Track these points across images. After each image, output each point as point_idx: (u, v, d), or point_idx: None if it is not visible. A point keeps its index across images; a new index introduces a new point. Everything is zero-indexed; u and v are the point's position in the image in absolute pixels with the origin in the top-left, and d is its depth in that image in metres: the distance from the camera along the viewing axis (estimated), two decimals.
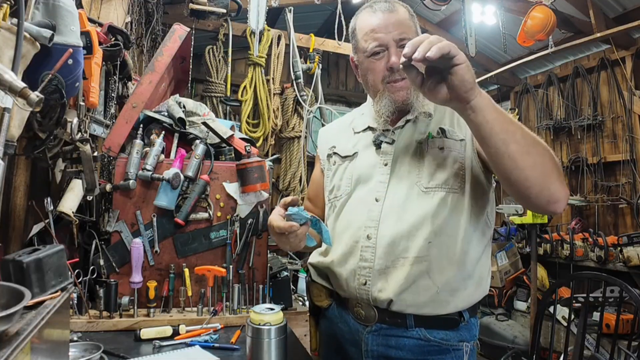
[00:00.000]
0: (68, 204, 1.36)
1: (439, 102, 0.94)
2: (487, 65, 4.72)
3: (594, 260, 3.33)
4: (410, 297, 1.08)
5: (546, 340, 3.24)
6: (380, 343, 1.13)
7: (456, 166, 1.13)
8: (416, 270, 1.08)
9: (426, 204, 1.11)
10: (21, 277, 0.75)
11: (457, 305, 1.10)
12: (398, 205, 1.13)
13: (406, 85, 1.13)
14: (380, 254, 1.11)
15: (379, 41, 1.13)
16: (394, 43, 1.12)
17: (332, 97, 5.07)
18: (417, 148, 1.17)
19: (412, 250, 1.09)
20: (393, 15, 1.13)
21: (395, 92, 1.14)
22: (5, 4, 0.92)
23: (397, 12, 1.14)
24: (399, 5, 1.17)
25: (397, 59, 1.06)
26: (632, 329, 2.74)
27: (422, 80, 0.93)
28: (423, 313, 1.09)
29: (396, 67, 1.10)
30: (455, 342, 1.12)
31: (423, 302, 1.09)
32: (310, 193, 1.45)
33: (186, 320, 1.35)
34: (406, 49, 0.87)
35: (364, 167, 1.22)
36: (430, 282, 1.08)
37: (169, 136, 1.58)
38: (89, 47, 1.31)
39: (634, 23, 2.95)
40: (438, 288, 1.08)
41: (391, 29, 1.12)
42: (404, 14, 1.15)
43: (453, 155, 1.13)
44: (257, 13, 3.45)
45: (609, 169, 3.81)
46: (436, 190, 1.11)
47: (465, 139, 1.15)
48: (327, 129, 1.47)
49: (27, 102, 0.80)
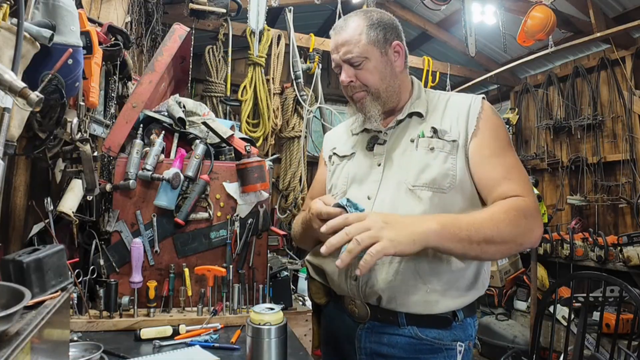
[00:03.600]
0: (68, 203, 1.36)
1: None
2: (487, 65, 4.72)
3: (594, 260, 3.33)
4: (399, 295, 1.09)
5: (546, 340, 3.24)
6: (373, 340, 1.15)
7: (446, 166, 1.13)
8: (404, 269, 1.09)
9: (414, 203, 1.12)
10: (21, 277, 0.75)
11: (449, 305, 1.10)
12: (388, 203, 1.14)
13: (362, 96, 1.20)
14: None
15: (334, 61, 1.21)
16: (344, 62, 1.18)
17: (332, 97, 5.06)
18: (408, 147, 1.19)
19: None
20: (342, 34, 1.18)
21: (356, 103, 1.23)
22: (5, 4, 0.92)
23: (346, 29, 1.17)
24: (353, 19, 1.19)
25: (345, 77, 1.19)
26: (632, 329, 2.74)
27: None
28: (414, 312, 1.10)
29: (345, 84, 1.20)
30: (448, 342, 1.12)
31: (413, 301, 1.09)
32: (314, 193, 1.46)
33: (186, 320, 1.35)
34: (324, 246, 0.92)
35: (360, 167, 1.25)
36: (420, 282, 1.09)
37: (169, 136, 1.58)
38: (88, 47, 1.31)
39: (634, 23, 2.95)
40: (428, 288, 1.09)
41: (340, 49, 1.18)
42: (354, 30, 1.17)
43: (443, 155, 1.14)
44: (257, 13, 3.45)
45: (609, 168, 3.81)
46: (422, 189, 1.12)
47: (458, 140, 1.15)
48: (331, 133, 1.51)
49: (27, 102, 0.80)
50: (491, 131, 1.15)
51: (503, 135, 1.17)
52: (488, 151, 1.13)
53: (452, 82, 4.67)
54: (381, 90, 1.19)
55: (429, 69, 4.40)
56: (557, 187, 4.25)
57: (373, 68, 1.17)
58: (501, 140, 1.16)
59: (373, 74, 1.17)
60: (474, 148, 1.13)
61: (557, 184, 4.23)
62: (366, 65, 1.17)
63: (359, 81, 1.18)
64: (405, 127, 1.23)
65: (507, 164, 1.12)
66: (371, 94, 1.19)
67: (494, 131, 1.16)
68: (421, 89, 1.29)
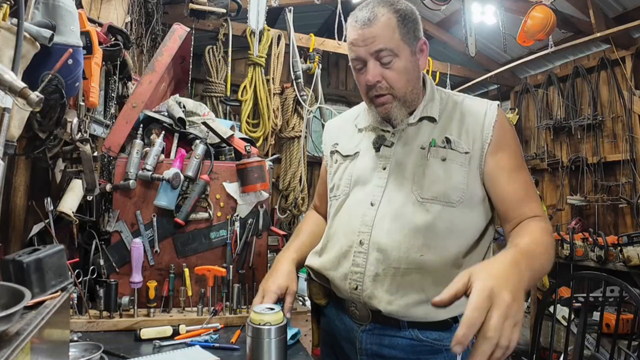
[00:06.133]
0: (68, 204, 1.36)
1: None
2: (487, 65, 4.72)
3: (594, 260, 3.33)
4: (401, 309, 1.07)
5: (546, 340, 3.24)
6: (374, 342, 1.14)
7: (457, 179, 1.10)
8: (407, 282, 1.07)
9: (421, 215, 1.08)
10: (21, 277, 0.75)
11: (452, 312, 1.07)
12: (392, 212, 1.11)
13: (387, 100, 1.11)
14: (372, 261, 1.10)
15: (357, 54, 1.09)
16: (371, 56, 1.07)
17: (332, 97, 5.07)
18: (418, 154, 1.14)
19: (403, 261, 1.07)
20: (371, 27, 1.06)
21: (378, 106, 1.14)
22: (5, 4, 0.92)
23: (376, 21, 1.06)
24: (381, 11, 1.07)
25: (373, 76, 1.07)
26: (632, 329, 2.74)
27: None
28: (415, 319, 1.09)
29: (371, 83, 1.09)
30: (448, 343, 1.11)
31: (414, 312, 1.07)
32: (321, 191, 1.45)
33: (186, 320, 1.35)
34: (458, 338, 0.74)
35: (364, 168, 1.20)
36: (422, 295, 1.07)
37: (169, 136, 1.58)
38: (89, 47, 1.31)
39: (634, 23, 2.95)
40: (429, 302, 1.07)
41: (368, 42, 1.06)
42: (384, 22, 1.06)
43: (455, 167, 1.10)
44: (257, 13, 3.45)
45: (609, 168, 3.81)
46: (433, 202, 1.09)
47: (471, 152, 1.11)
48: (332, 123, 1.45)
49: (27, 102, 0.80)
50: (509, 145, 1.13)
51: (518, 148, 1.15)
52: (507, 166, 1.11)
53: (452, 82, 4.67)
54: (407, 93, 1.12)
55: (429, 69, 4.40)
56: (557, 187, 4.25)
57: (403, 68, 1.08)
58: (518, 154, 1.14)
59: (401, 74, 1.09)
60: (492, 162, 1.11)
61: (557, 184, 4.23)
62: (395, 63, 1.07)
63: (385, 82, 1.09)
64: (417, 132, 1.16)
65: (524, 180, 1.12)
66: (398, 99, 1.11)
67: (510, 145, 1.13)
68: (434, 88, 1.22)
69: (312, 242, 1.33)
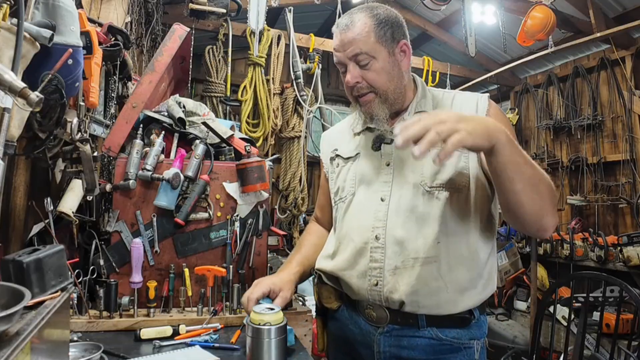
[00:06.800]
0: (68, 204, 1.36)
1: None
2: (487, 65, 4.72)
3: (594, 260, 3.33)
4: (422, 298, 1.09)
5: (546, 340, 3.23)
6: (392, 344, 1.14)
7: (460, 165, 1.13)
8: (426, 271, 1.09)
9: (432, 204, 1.11)
10: (21, 277, 0.75)
11: (467, 304, 1.11)
12: (404, 205, 1.13)
13: (370, 98, 1.16)
14: (390, 254, 1.11)
15: (338, 59, 1.17)
16: (350, 60, 1.14)
17: (332, 97, 5.06)
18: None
19: (421, 251, 1.09)
20: (348, 32, 1.13)
21: (362, 105, 1.19)
22: (5, 4, 0.92)
23: (352, 27, 1.12)
24: (358, 16, 1.14)
25: (352, 78, 1.14)
26: (632, 329, 2.74)
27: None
28: (435, 313, 1.10)
29: (351, 85, 1.16)
30: (466, 340, 1.12)
31: (435, 302, 1.09)
32: (322, 201, 1.46)
33: (186, 320, 1.35)
34: (397, 139, 0.87)
35: (367, 167, 1.22)
36: (441, 283, 1.09)
37: (169, 136, 1.58)
38: (88, 47, 1.31)
39: (634, 23, 2.95)
40: (448, 288, 1.08)
41: (347, 47, 1.13)
42: (360, 27, 1.12)
43: (456, 154, 1.12)
44: (257, 13, 3.46)
45: (609, 168, 3.81)
46: (440, 189, 1.12)
47: None
48: (329, 133, 1.48)
49: (27, 102, 0.80)
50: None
51: (513, 135, 1.16)
52: None
53: (452, 82, 4.67)
54: (389, 91, 1.16)
55: (429, 69, 4.40)
56: (557, 187, 4.24)
57: (380, 68, 1.13)
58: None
59: (380, 74, 1.14)
60: None
61: (557, 184, 4.23)
62: (373, 65, 1.13)
63: (365, 82, 1.15)
64: None
65: None
66: (379, 95, 1.15)
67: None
68: (425, 87, 1.26)
69: (315, 255, 1.36)
